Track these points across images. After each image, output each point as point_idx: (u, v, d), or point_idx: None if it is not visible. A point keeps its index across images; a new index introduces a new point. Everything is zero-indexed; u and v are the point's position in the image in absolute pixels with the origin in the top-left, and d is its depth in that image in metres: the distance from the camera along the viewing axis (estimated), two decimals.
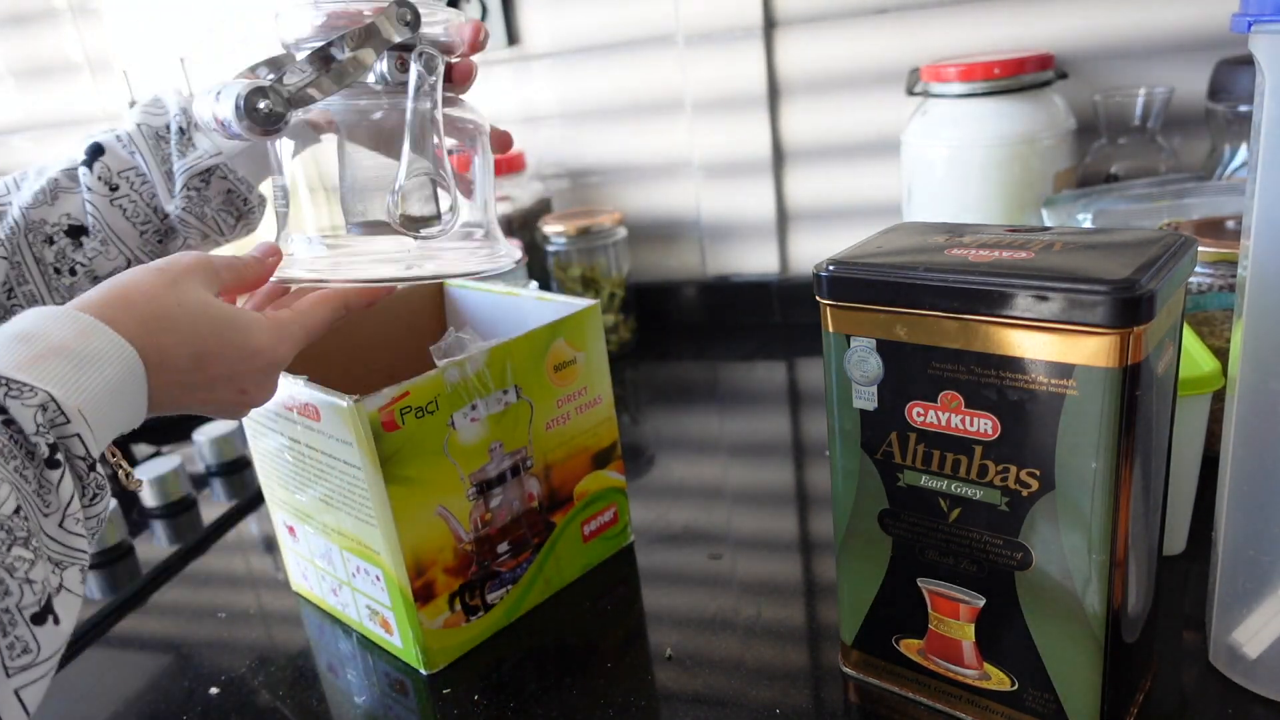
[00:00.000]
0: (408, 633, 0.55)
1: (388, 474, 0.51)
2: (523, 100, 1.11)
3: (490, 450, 0.56)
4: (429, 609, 0.54)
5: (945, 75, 0.85)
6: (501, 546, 0.57)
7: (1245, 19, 0.39)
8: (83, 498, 0.35)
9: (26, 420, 0.33)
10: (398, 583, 0.54)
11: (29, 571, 0.31)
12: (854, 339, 0.43)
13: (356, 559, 0.57)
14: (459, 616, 0.56)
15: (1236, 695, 0.46)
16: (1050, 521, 0.40)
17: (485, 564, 0.57)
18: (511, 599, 0.59)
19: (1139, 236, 0.40)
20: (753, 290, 1.09)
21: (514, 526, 0.58)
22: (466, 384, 0.54)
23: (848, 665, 0.51)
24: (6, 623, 0.30)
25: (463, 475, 0.55)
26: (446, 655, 0.56)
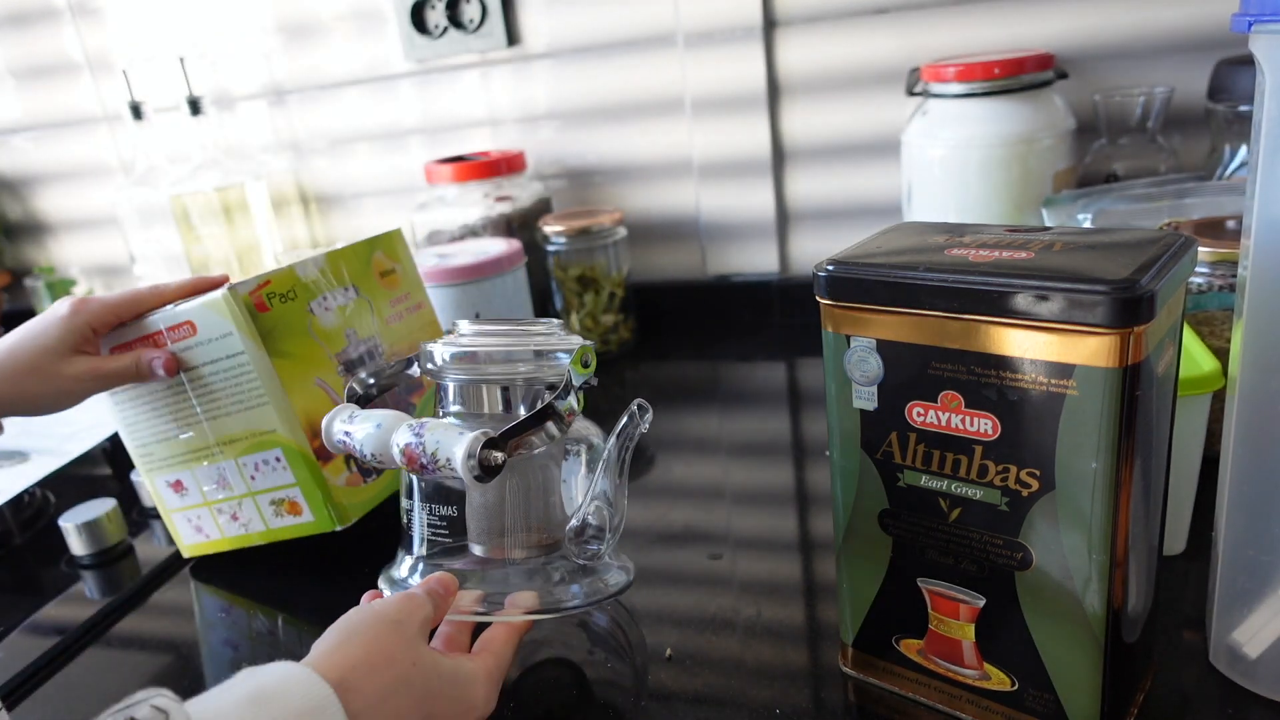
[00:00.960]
0: (316, 495, 0.61)
1: (270, 348, 0.60)
2: (523, 100, 1.11)
3: (346, 335, 0.66)
4: (330, 467, 0.62)
5: (945, 75, 0.85)
6: None
7: (1245, 19, 0.39)
8: None
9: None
10: (298, 448, 0.61)
11: None
12: (854, 339, 0.43)
13: (254, 456, 0.63)
14: (357, 477, 0.64)
15: (1237, 695, 0.46)
16: (1050, 521, 0.40)
17: None
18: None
19: (1139, 236, 0.40)
20: (753, 290, 1.09)
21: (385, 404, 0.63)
22: (315, 280, 0.65)
23: (848, 665, 0.51)
24: None
25: (330, 354, 0.64)
26: (355, 510, 0.62)
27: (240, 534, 0.67)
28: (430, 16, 1.10)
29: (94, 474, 0.91)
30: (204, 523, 0.69)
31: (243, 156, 1.25)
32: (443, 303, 0.90)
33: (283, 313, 0.62)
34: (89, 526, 0.72)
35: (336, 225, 1.27)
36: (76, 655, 0.62)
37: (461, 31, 1.09)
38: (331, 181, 1.25)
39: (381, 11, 1.12)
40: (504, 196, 1.06)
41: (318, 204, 1.27)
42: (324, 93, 1.20)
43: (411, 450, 0.49)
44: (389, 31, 1.13)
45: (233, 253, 1.19)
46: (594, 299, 1.03)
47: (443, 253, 0.94)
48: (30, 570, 0.75)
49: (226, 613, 0.66)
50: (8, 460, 0.86)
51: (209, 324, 0.61)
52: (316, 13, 1.15)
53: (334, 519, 0.62)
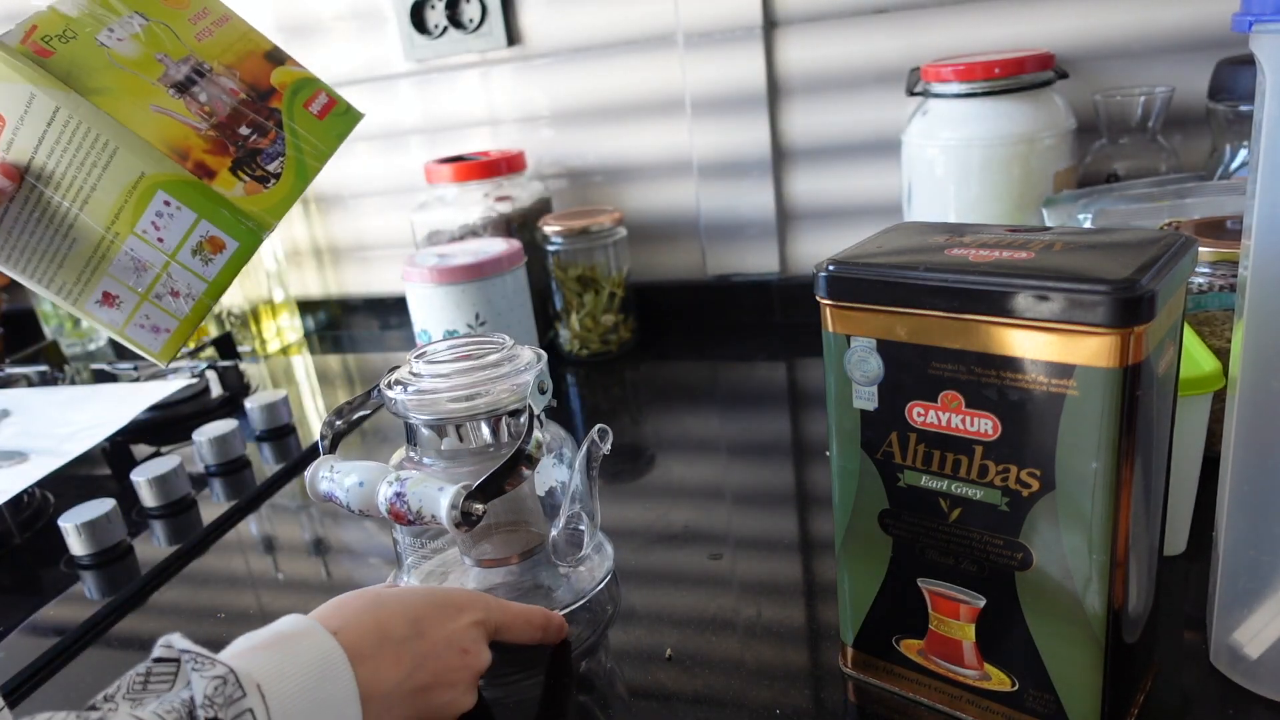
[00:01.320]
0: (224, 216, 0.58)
1: (79, 89, 0.56)
2: (523, 100, 1.11)
3: (159, 60, 0.61)
4: (220, 181, 0.58)
5: (945, 75, 0.85)
6: (242, 129, 0.61)
7: (1246, 19, 0.39)
8: None
9: (198, 692, 0.35)
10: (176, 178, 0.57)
11: None
12: (854, 339, 0.43)
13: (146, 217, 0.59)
14: (254, 185, 0.60)
15: (1237, 696, 0.46)
16: (1050, 522, 0.40)
17: (240, 145, 0.60)
18: (293, 167, 0.62)
19: (1139, 236, 0.40)
20: (753, 290, 1.09)
21: (240, 115, 0.61)
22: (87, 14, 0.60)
23: (848, 665, 0.51)
24: None
25: (151, 80, 0.60)
26: (273, 214, 0.59)
27: (191, 306, 0.63)
28: (430, 16, 1.10)
29: (94, 474, 0.91)
30: (156, 318, 0.65)
31: None
32: (443, 303, 0.90)
33: (70, 53, 0.58)
34: (89, 526, 0.72)
35: (336, 225, 1.27)
36: (76, 655, 0.62)
37: (461, 31, 1.09)
38: (331, 182, 1.25)
39: (381, 11, 1.12)
40: (504, 196, 1.06)
41: (318, 204, 1.27)
42: None
43: (396, 508, 0.54)
44: (389, 31, 1.13)
45: None
46: (594, 299, 1.03)
47: (443, 253, 0.94)
48: (30, 570, 0.75)
49: (225, 614, 0.66)
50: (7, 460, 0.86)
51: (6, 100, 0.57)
52: (316, 13, 1.15)
53: (256, 230, 0.59)
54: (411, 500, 0.53)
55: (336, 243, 1.29)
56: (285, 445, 0.92)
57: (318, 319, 1.33)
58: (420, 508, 0.53)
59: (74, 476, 0.88)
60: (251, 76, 0.64)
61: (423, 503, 0.53)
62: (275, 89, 0.66)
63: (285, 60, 0.67)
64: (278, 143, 0.62)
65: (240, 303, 1.22)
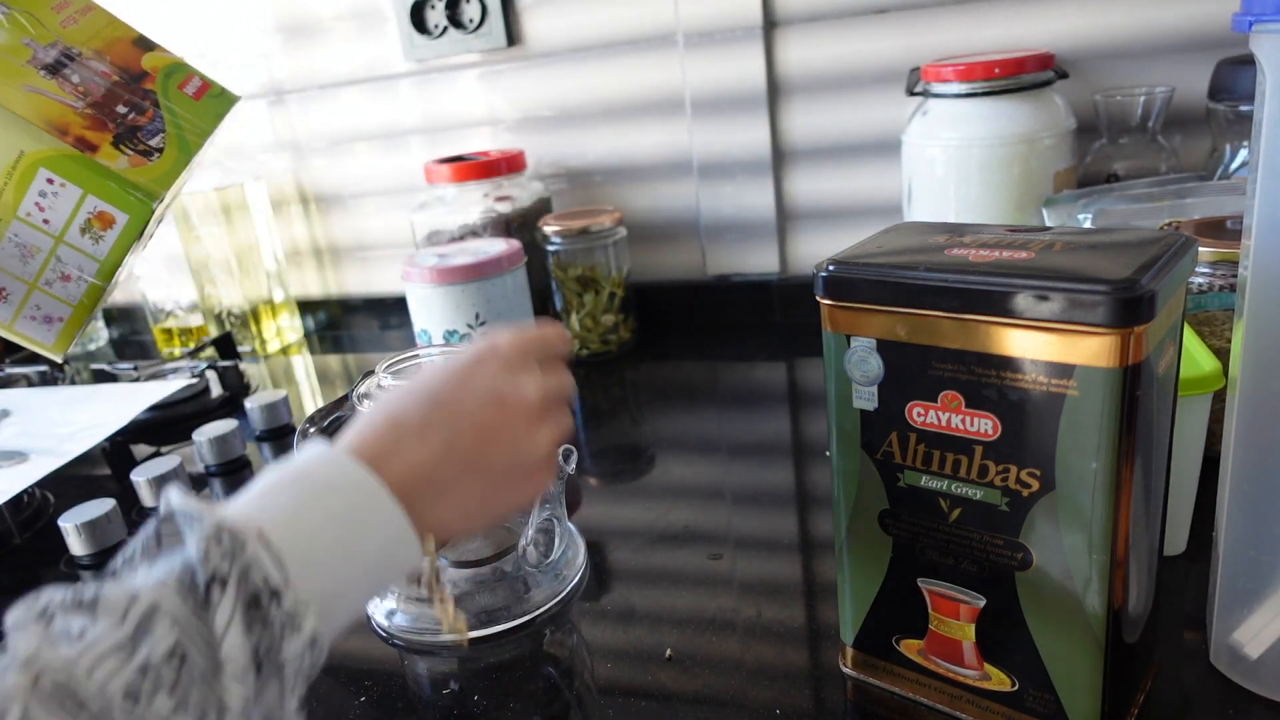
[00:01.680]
0: (111, 189, 0.56)
1: None
2: (523, 100, 1.11)
3: (25, 44, 0.61)
4: (103, 154, 0.57)
5: (945, 75, 0.85)
6: (119, 108, 0.61)
7: (1246, 19, 0.39)
8: (259, 625, 0.31)
9: (193, 549, 0.31)
10: (57, 153, 0.56)
11: (170, 715, 0.29)
12: (854, 339, 0.43)
13: (29, 198, 0.57)
14: (138, 158, 0.59)
15: (1237, 696, 0.46)
16: (1050, 522, 0.40)
17: (119, 122, 0.60)
18: (174, 142, 0.62)
19: (1139, 236, 0.40)
20: (753, 290, 1.09)
21: (115, 95, 0.61)
22: None
23: (848, 666, 0.51)
24: None
25: (19, 63, 0.59)
26: (159, 184, 0.59)
27: (84, 290, 0.61)
28: (430, 16, 1.10)
29: (93, 474, 0.91)
30: (48, 307, 0.62)
31: (242, 156, 1.25)
32: (443, 303, 0.90)
33: None
34: (89, 526, 0.72)
35: (336, 225, 1.27)
36: None
37: (461, 31, 1.09)
38: (331, 181, 1.25)
39: (381, 11, 1.12)
40: (504, 196, 1.06)
41: (317, 204, 1.27)
42: (324, 93, 1.20)
43: None
44: (389, 31, 1.13)
45: (232, 253, 1.19)
46: (594, 299, 1.03)
47: (443, 253, 0.94)
48: (30, 570, 0.75)
49: None
50: (7, 460, 0.86)
51: None
52: (316, 13, 1.15)
53: (145, 200, 0.58)
54: None
55: (336, 243, 1.29)
56: (285, 445, 0.92)
57: (318, 319, 1.33)
58: None
59: (74, 476, 0.88)
60: (122, 60, 0.64)
61: None
62: (147, 72, 0.65)
63: (155, 47, 0.67)
64: (156, 120, 0.62)
65: (240, 303, 1.22)
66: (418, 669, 0.58)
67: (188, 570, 0.31)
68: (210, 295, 1.22)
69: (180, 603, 0.30)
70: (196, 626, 0.30)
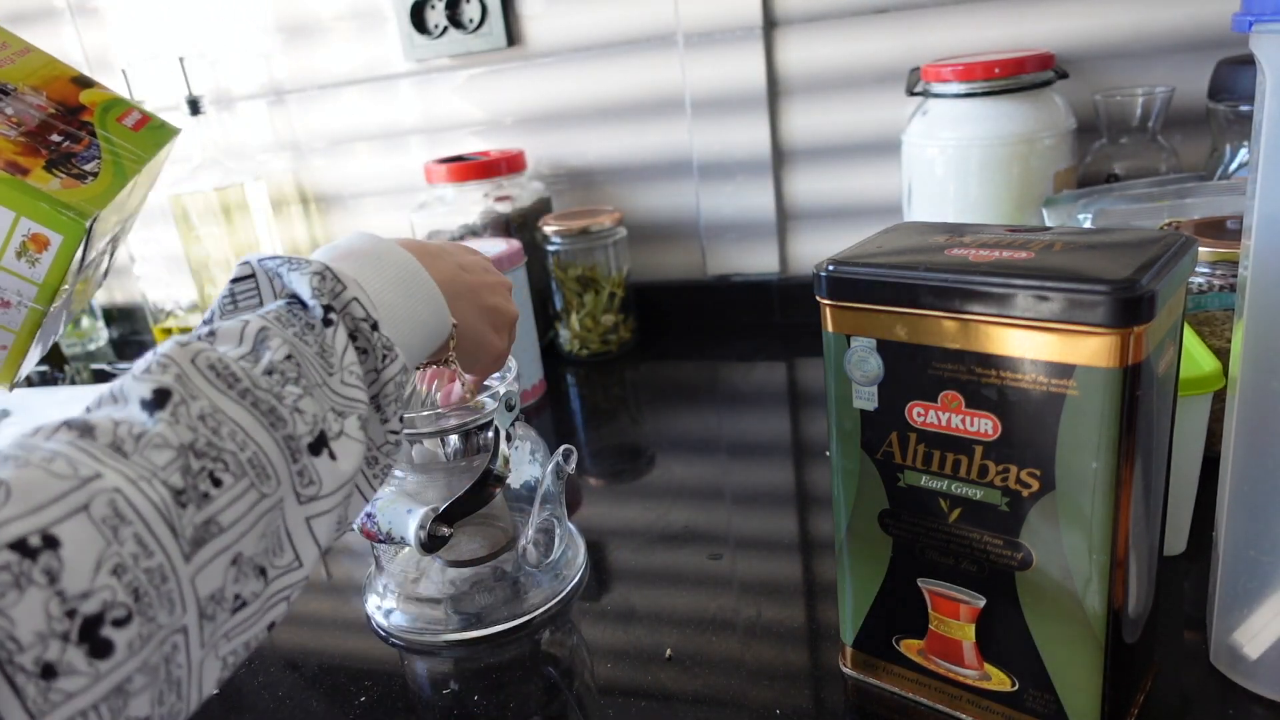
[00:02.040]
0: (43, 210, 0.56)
1: None
2: (523, 100, 1.11)
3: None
4: (35, 176, 0.57)
5: (945, 75, 0.85)
6: (54, 137, 0.61)
7: (1246, 18, 0.39)
8: (366, 355, 0.39)
9: (303, 287, 0.37)
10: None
11: (298, 403, 0.34)
12: (854, 339, 0.43)
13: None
14: (71, 181, 0.59)
15: (1237, 696, 0.46)
16: (1050, 522, 0.40)
17: (53, 149, 0.60)
18: (110, 167, 0.62)
19: (1139, 236, 0.40)
20: (753, 290, 1.09)
21: (50, 126, 0.62)
22: None
23: (848, 665, 0.51)
24: (293, 450, 0.34)
25: None
26: (93, 204, 0.59)
27: (24, 316, 0.61)
28: (430, 16, 1.10)
29: None
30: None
31: (242, 156, 1.25)
32: None
33: None
34: None
35: (336, 225, 1.27)
36: None
37: (461, 31, 1.09)
38: (331, 181, 1.25)
39: (381, 11, 1.12)
40: (504, 196, 1.06)
41: (317, 204, 1.27)
42: (324, 93, 1.20)
43: (367, 528, 0.55)
44: (389, 31, 1.13)
45: (232, 253, 1.19)
46: (594, 299, 1.03)
47: None
48: None
49: None
50: None
51: None
52: (316, 13, 1.15)
53: (78, 219, 0.57)
54: (381, 521, 0.54)
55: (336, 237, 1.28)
56: None
57: None
58: (390, 529, 0.54)
59: None
60: (59, 96, 0.65)
61: (392, 524, 0.54)
62: (85, 106, 0.66)
63: (93, 84, 0.68)
64: (92, 148, 0.62)
65: None
66: (417, 669, 0.58)
67: (294, 303, 0.38)
68: (210, 295, 1.22)
69: (285, 327, 0.36)
70: (305, 345, 0.36)
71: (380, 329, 0.39)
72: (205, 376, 0.33)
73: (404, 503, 0.55)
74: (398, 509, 0.54)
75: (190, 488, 0.30)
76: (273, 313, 0.37)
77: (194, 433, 0.31)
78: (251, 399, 0.33)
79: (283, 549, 0.34)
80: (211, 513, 0.31)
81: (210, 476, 0.31)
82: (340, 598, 0.66)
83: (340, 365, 0.37)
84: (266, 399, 0.34)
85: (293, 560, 0.35)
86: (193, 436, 0.31)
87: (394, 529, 0.54)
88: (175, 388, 0.32)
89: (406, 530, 0.53)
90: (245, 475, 0.32)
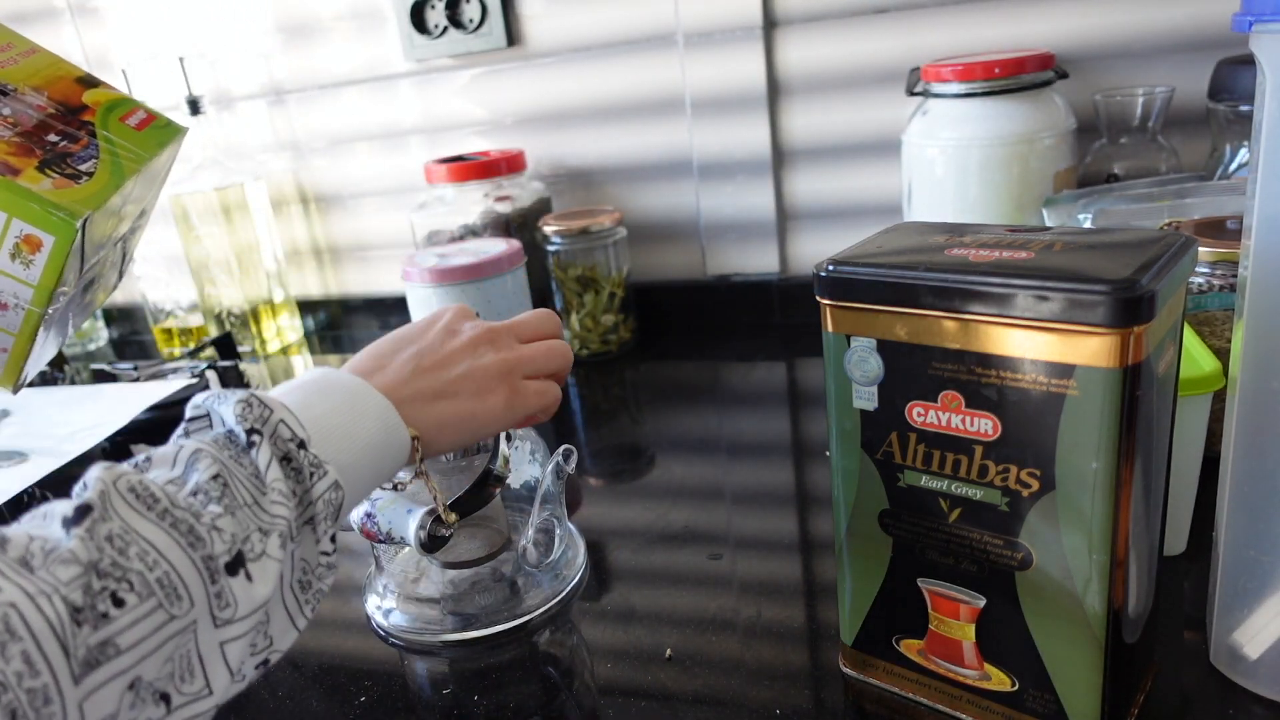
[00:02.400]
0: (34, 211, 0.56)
1: None
2: (523, 100, 1.11)
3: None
4: (26, 177, 0.57)
5: (945, 75, 0.85)
6: (50, 137, 0.61)
7: (1246, 18, 0.39)
8: (299, 474, 0.39)
9: (228, 414, 0.39)
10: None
11: (216, 521, 0.34)
12: (854, 339, 0.43)
13: None
14: (64, 181, 0.59)
15: (1237, 696, 0.46)
16: (1050, 522, 0.40)
17: (48, 149, 0.60)
18: (107, 166, 0.62)
19: (1139, 236, 0.40)
20: (753, 290, 1.09)
21: (48, 126, 0.61)
22: None
23: (848, 665, 0.51)
24: (211, 570, 0.33)
25: None
26: (85, 204, 0.58)
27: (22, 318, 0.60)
28: (430, 16, 1.10)
29: None
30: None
31: (242, 156, 1.25)
32: (443, 302, 0.90)
33: None
34: None
35: (336, 225, 1.27)
36: None
37: (461, 31, 1.09)
38: (331, 181, 1.25)
39: (381, 11, 1.12)
40: (504, 196, 1.06)
41: (317, 204, 1.27)
42: (324, 93, 1.20)
43: (367, 528, 0.55)
44: (389, 31, 1.13)
45: (232, 253, 1.19)
46: (594, 299, 1.03)
47: (443, 253, 0.94)
48: None
49: None
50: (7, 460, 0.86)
51: None
52: (316, 13, 1.15)
53: (69, 219, 0.57)
54: (381, 521, 0.54)
55: (336, 243, 1.29)
56: None
57: (318, 319, 1.33)
58: (390, 529, 0.54)
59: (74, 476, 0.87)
60: (61, 95, 0.64)
61: (392, 524, 0.54)
62: (88, 105, 0.65)
63: (99, 84, 0.68)
64: (90, 148, 0.62)
65: (240, 303, 1.22)
66: (417, 669, 0.58)
67: (224, 433, 0.39)
68: (210, 295, 1.22)
69: (220, 450, 0.37)
70: (238, 466, 0.37)
71: (308, 447, 0.39)
72: (124, 499, 0.33)
73: (404, 503, 0.54)
74: (397, 509, 0.54)
75: (88, 606, 0.30)
76: (210, 438, 0.38)
77: (100, 552, 0.31)
78: (170, 519, 0.33)
79: (193, 674, 0.33)
80: (109, 634, 0.30)
81: (112, 596, 0.30)
82: (340, 598, 0.66)
83: (266, 485, 0.37)
84: (185, 518, 0.34)
85: (203, 688, 0.34)
86: (99, 555, 0.31)
87: (394, 529, 0.54)
88: (96, 504, 0.32)
89: (406, 530, 0.53)
90: (153, 595, 0.32)
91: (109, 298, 0.72)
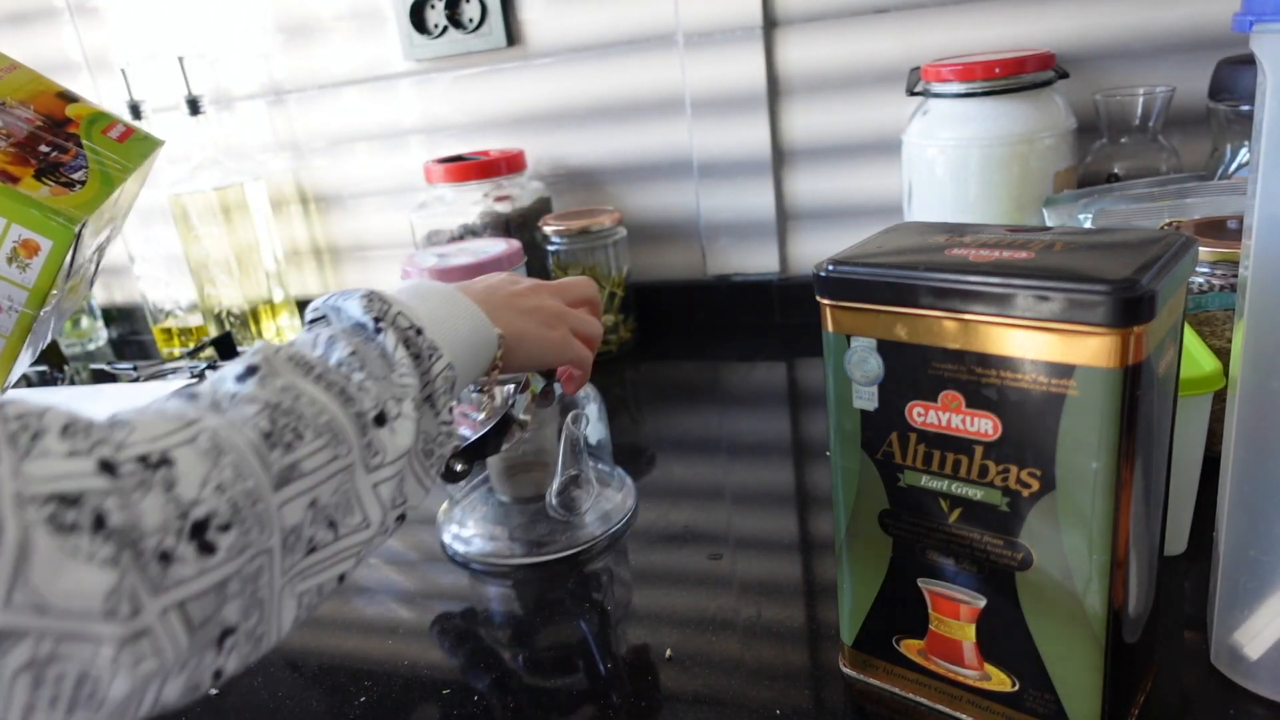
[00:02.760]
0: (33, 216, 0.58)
1: None
2: (523, 100, 1.11)
3: None
4: (25, 184, 0.59)
5: (945, 75, 0.85)
6: (41, 148, 0.62)
7: (1247, 18, 0.39)
8: (417, 359, 0.44)
9: (355, 308, 0.44)
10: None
11: (363, 383, 0.41)
12: (854, 339, 0.43)
13: None
14: (60, 189, 0.61)
15: (1238, 696, 0.46)
16: (1051, 522, 0.40)
17: (41, 159, 0.61)
18: (97, 176, 0.63)
19: (1140, 236, 0.40)
20: (753, 290, 1.09)
21: (37, 137, 0.63)
22: None
23: (848, 665, 0.51)
24: (361, 424, 0.39)
25: None
26: (82, 210, 0.60)
27: (15, 319, 0.62)
28: (430, 16, 1.10)
29: None
30: None
31: (242, 156, 1.25)
32: None
33: None
34: None
35: (336, 225, 1.27)
36: None
37: (461, 31, 1.09)
38: (331, 181, 1.25)
39: (381, 11, 1.12)
40: (503, 196, 1.06)
41: (317, 204, 1.27)
42: (323, 92, 1.20)
43: None
44: (389, 31, 1.13)
45: (232, 253, 1.19)
46: None
47: (442, 253, 0.94)
48: None
49: None
50: None
51: None
52: (316, 13, 1.15)
53: (67, 224, 0.59)
54: None
55: (336, 243, 1.29)
56: None
57: None
58: None
59: None
60: (46, 109, 0.66)
61: None
62: (71, 119, 0.67)
63: (78, 99, 0.69)
64: (80, 159, 0.64)
65: (240, 303, 1.22)
66: (417, 668, 0.58)
67: (351, 324, 0.44)
68: (210, 295, 1.22)
69: (351, 336, 0.43)
70: (369, 347, 0.43)
71: (425, 333, 0.45)
72: (286, 364, 0.39)
73: None
74: None
75: (276, 434, 0.36)
76: (339, 326, 0.44)
77: (278, 397, 0.37)
78: (325, 382, 0.39)
79: (352, 510, 0.39)
80: (295, 459, 0.36)
81: (293, 430, 0.36)
82: (340, 598, 0.66)
83: (395, 362, 0.43)
84: (338, 380, 0.40)
85: (361, 520, 0.39)
86: (278, 399, 0.37)
87: None
88: (262, 365, 0.38)
89: None
90: (321, 436, 0.37)
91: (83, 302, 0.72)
